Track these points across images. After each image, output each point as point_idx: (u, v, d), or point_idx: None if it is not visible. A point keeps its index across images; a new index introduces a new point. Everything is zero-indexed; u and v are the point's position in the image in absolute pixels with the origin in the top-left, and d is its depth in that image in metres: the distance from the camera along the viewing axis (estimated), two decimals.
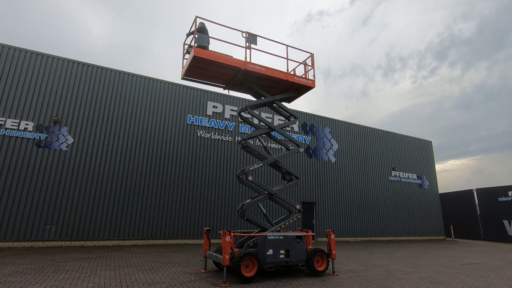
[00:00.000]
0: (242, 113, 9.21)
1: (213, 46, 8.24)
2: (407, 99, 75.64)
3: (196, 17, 8.02)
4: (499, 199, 21.52)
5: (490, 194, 22.21)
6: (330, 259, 7.63)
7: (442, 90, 74.12)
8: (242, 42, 8.46)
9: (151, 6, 80.00)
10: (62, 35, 70.83)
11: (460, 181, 65.75)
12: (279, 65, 9.19)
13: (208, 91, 15.14)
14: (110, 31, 74.64)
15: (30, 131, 11.29)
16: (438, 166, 65.25)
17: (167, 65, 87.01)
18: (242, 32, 8.48)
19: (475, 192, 23.35)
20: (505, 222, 20.84)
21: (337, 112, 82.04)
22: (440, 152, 69.20)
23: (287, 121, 9.68)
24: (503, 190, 21.45)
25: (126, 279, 6.28)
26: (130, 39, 79.63)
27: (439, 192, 23.29)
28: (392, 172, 20.33)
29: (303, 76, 9.55)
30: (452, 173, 66.55)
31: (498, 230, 21.19)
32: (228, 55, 8.13)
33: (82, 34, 69.59)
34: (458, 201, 24.61)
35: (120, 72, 13.38)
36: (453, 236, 22.05)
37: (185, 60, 8.83)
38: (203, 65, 8.28)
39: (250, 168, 7.94)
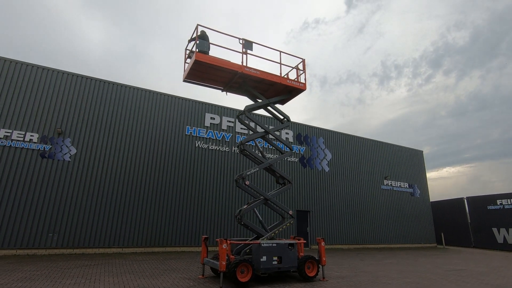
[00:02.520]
0: (240, 117, 9.93)
1: (213, 51, 9.06)
2: (403, 107, 76.86)
3: (198, 25, 8.82)
4: (488, 207, 22.17)
5: (480, 203, 22.86)
6: (320, 266, 8.12)
7: (437, 98, 75.45)
8: (240, 48, 9.28)
9: (148, 14, 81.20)
10: (59, 42, 71.50)
11: (456, 189, 66.55)
12: (275, 70, 10.07)
13: (206, 103, 15.74)
14: (107, 38, 75.46)
15: (35, 142, 11.76)
16: (434, 174, 66.16)
17: (164, 71, 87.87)
18: (239, 39, 9.28)
19: (465, 201, 24.01)
20: (494, 230, 21.44)
21: (333, 120, 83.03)
22: (436, 160, 70.08)
23: (280, 123, 10.41)
24: (492, 198, 22.12)
25: (130, 285, 6.73)
26: (127, 46, 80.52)
27: (432, 200, 23.92)
28: (384, 181, 20.93)
29: (296, 79, 10.30)
30: (448, 180, 67.40)
31: (488, 238, 21.77)
32: (226, 60, 8.86)
33: (79, 41, 70.26)
34: (449, 209, 25.24)
35: (121, 85, 13.95)
36: (444, 243, 22.59)
37: (186, 64, 9.61)
38: (204, 69, 9.04)
39: (247, 173, 8.50)
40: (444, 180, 67.13)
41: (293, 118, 10.61)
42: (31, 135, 11.78)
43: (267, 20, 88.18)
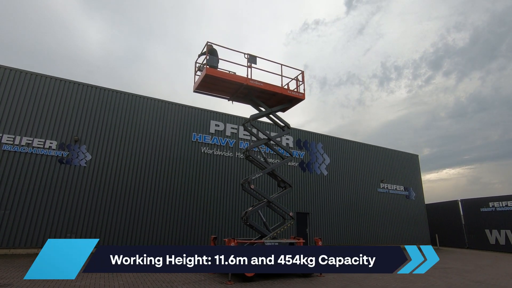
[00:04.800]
0: (246, 125, 10.91)
1: (220, 64, 10.14)
2: (403, 108, 77.57)
3: (207, 42, 9.89)
4: (481, 209, 23.03)
5: (473, 205, 23.69)
6: None
7: (437, 99, 76.13)
8: (245, 61, 10.39)
9: (148, 15, 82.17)
10: (58, 42, 72.52)
11: (456, 190, 67.29)
12: (276, 80, 11.11)
13: (211, 111, 16.67)
14: (107, 39, 76.36)
15: (53, 149, 12.70)
16: (433, 175, 66.94)
17: (163, 72, 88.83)
18: (244, 54, 10.32)
19: (459, 203, 24.88)
20: (487, 231, 22.29)
21: (333, 121, 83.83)
22: (436, 161, 70.79)
23: (282, 130, 11.40)
24: (485, 201, 22.96)
25: (149, 279, 7.63)
26: (127, 47, 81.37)
27: (432, 202, 24.82)
28: (381, 184, 21.82)
29: (295, 90, 11.30)
30: (448, 182, 68.12)
31: (481, 239, 22.59)
32: (232, 73, 9.89)
33: (79, 43, 71.20)
34: (444, 212, 26.08)
35: (132, 94, 14.90)
36: (438, 244, 23.44)
37: (197, 77, 10.78)
38: (213, 81, 10.13)
39: (253, 177, 9.44)
40: (444, 182, 67.94)
41: (293, 120, 11.65)
42: (50, 143, 12.71)
43: (266, 21, 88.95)
